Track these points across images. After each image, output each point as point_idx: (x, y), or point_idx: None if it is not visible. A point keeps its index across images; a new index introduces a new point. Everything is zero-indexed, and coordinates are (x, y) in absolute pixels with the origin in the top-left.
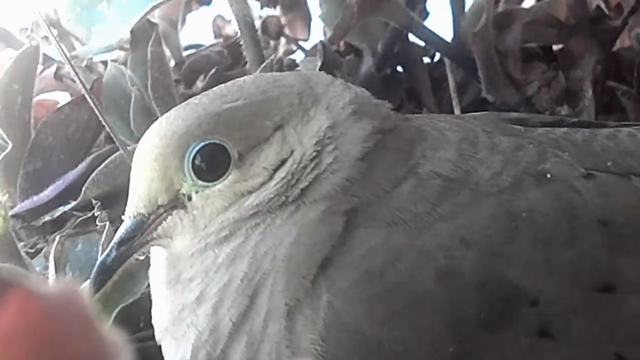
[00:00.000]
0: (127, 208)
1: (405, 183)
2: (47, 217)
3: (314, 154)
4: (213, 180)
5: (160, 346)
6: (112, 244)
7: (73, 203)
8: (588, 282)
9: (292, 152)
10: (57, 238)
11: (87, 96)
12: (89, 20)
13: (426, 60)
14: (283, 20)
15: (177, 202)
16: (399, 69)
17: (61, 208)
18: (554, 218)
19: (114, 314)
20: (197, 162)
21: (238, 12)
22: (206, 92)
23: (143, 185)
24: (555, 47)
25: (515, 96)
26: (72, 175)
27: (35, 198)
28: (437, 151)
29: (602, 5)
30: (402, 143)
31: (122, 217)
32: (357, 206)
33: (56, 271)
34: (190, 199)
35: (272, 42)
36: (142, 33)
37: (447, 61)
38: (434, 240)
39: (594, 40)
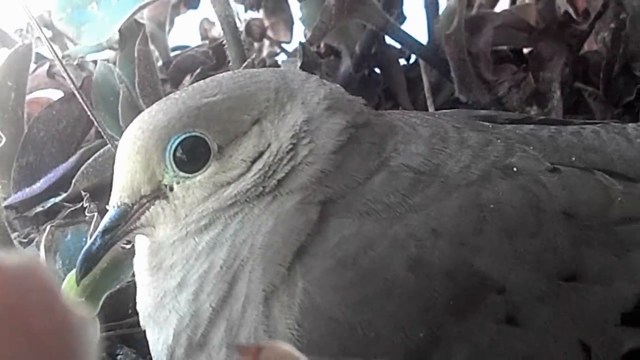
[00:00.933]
0: (111, 198)
1: (377, 175)
2: (39, 208)
3: (290, 146)
4: (194, 172)
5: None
6: (97, 232)
7: (64, 195)
8: (553, 272)
9: (269, 145)
10: (48, 228)
11: (76, 93)
12: (79, 20)
13: (403, 62)
14: (266, 23)
15: (159, 193)
16: (377, 70)
17: (52, 199)
18: (520, 210)
19: (102, 300)
20: (178, 154)
21: (221, 14)
22: (186, 87)
23: (126, 176)
24: (525, 50)
25: (486, 96)
26: (62, 168)
27: (27, 190)
28: (408, 145)
29: (570, 11)
30: (374, 137)
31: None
32: (331, 197)
33: (46, 259)
34: (172, 189)
35: (256, 44)
36: (130, 33)
37: (421, 62)
38: (405, 230)
39: (562, 44)
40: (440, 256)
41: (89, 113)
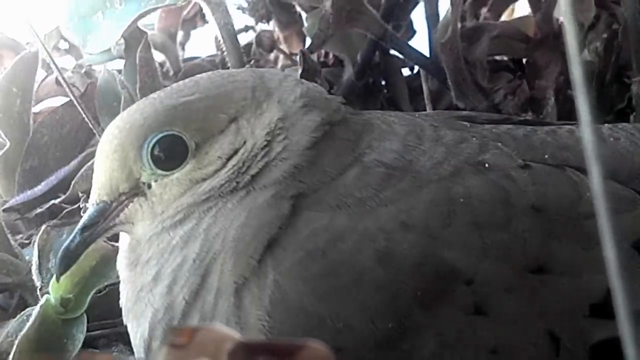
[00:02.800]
0: (90, 196)
1: (350, 170)
2: (39, 210)
3: (265, 143)
4: (171, 169)
5: None
6: (75, 229)
7: (63, 197)
8: (521, 264)
9: (244, 142)
10: (43, 227)
11: (74, 101)
12: (85, 29)
13: (407, 71)
14: (277, 35)
15: (137, 190)
16: (380, 78)
17: (52, 201)
18: (489, 204)
19: (90, 296)
20: (156, 152)
21: (220, 21)
22: (165, 88)
23: (104, 174)
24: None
25: (483, 103)
26: (64, 171)
27: (29, 192)
28: (382, 142)
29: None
30: (350, 134)
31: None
32: (304, 191)
33: (40, 258)
34: (149, 187)
35: (272, 56)
36: (135, 41)
37: (422, 72)
38: (375, 223)
39: (558, 53)
40: (409, 249)
41: (87, 118)
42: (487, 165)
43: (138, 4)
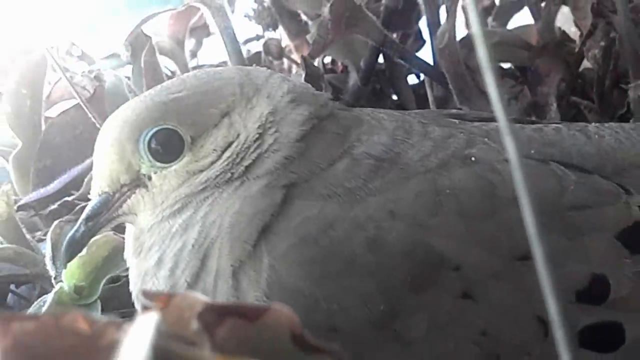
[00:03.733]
0: (92, 189)
1: (340, 162)
2: (53, 207)
3: (257, 136)
4: (170, 162)
5: None
6: (80, 220)
7: (76, 194)
8: (506, 251)
9: (238, 135)
10: (56, 223)
11: (82, 103)
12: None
13: (414, 79)
14: (285, 43)
15: (139, 182)
16: (387, 84)
17: (65, 198)
18: (475, 194)
19: (102, 284)
20: (153, 145)
21: (220, 25)
22: (155, 87)
23: (104, 167)
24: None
25: (487, 107)
26: (76, 170)
27: (42, 190)
28: (371, 136)
29: (572, 30)
30: (339, 128)
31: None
32: (295, 181)
33: (53, 251)
34: (150, 178)
35: (285, 65)
36: (141, 46)
37: (426, 78)
38: (364, 212)
39: (560, 61)
40: (398, 236)
41: (95, 120)
42: (473, 158)
43: (142, 10)
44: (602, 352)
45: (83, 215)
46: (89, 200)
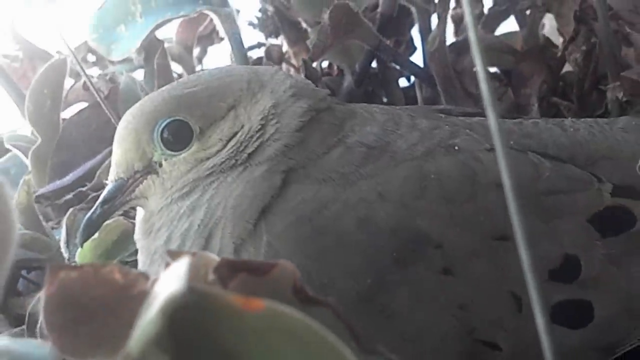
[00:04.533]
0: (109, 174)
1: (335, 149)
2: (67, 197)
3: (260, 127)
4: (179, 150)
5: None
6: (97, 203)
7: (89, 185)
8: (485, 232)
9: (242, 126)
10: (70, 210)
11: (100, 102)
12: (109, 39)
13: (405, 82)
14: (284, 49)
15: (150, 169)
16: (379, 87)
17: (79, 189)
18: (458, 180)
19: None
20: (165, 135)
21: (228, 31)
22: (173, 82)
23: (121, 154)
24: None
25: (472, 107)
26: (89, 164)
27: (58, 182)
28: (364, 126)
29: (556, 37)
30: (334, 119)
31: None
32: (293, 167)
33: (67, 235)
34: (160, 165)
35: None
36: (153, 50)
37: (416, 81)
38: (356, 195)
39: (542, 65)
40: (386, 216)
41: (112, 117)
42: (456, 147)
43: (156, 17)
44: (572, 328)
45: (100, 199)
46: (100, 190)
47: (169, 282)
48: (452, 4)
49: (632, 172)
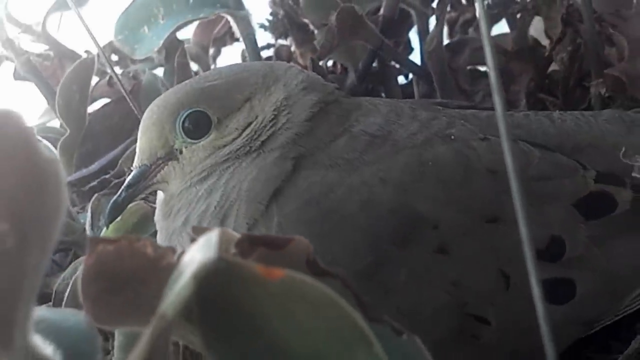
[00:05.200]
0: (134, 160)
1: (341, 138)
2: (92, 184)
3: (272, 117)
4: (199, 138)
5: None
6: (122, 187)
7: (112, 172)
8: (478, 214)
9: (256, 117)
10: (95, 195)
11: (126, 97)
12: (133, 40)
13: (402, 80)
14: (293, 49)
15: (172, 155)
16: (379, 84)
17: (103, 177)
18: (453, 166)
19: None
20: (186, 125)
21: (243, 32)
22: (195, 76)
23: (146, 142)
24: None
25: (465, 102)
26: (113, 153)
27: (84, 170)
28: (368, 117)
29: (543, 38)
30: (341, 111)
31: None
32: (303, 153)
33: (92, 218)
34: (181, 152)
35: None
36: (173, 49)
37: (414, 78)
38: (359, 179)
39: (530, 65)
40: (387, 199)
41: (136, 110)
42: (452, 137)
43: (177, 19)
44: (555, 304)
45: (125, 183)
46: (122, 177)
47: (198, 252)
48: (448, 8)
49: (615, 160)
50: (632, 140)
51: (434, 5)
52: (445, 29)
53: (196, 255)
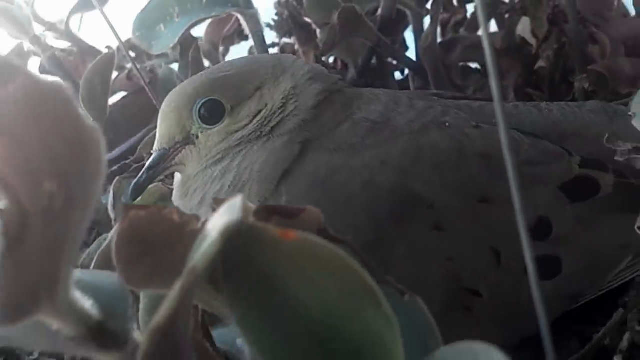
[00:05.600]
0: (155, 144)
1: (344, 124)
2: (113, 168)
3: (281, 104)
4: (213, 124)
5: None
6: (143, 169)
7: (132, 158)
8: (470, 195)
9: (266, 105)
10: (117, 179)
11: (146, 88)
12: (150, 37)
13: (399, 75)
14: (296, 47)
15: (189, 140)
16: (377, 79)
17: (123, 162)
18: (447, 151)
19: None
20: (202, 112)
21: (252, 29)
22: (210, 67)
23: (165, 128)
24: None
25: (459, 94)
26: (132, 140)
27: (107, 155)
28: (369, 105)
29: (529, 37)
30: (344, 99)
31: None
32: (309, 138)
33: (114, 199)
34: (197, 137)
35: None
36: (187, 45)
37: (410, 74)
38: (361, 162)
39: (518, 62)
40: (386, 180)
41: (155, 101)
42: (447, 124)
43: (191, 17)
44: (543, 279)
45: (146, 166)
46: (141, 162)
47: (221, 217)
48: (441, 10)
49: (598, 147)
50: (614, 129)
51: (428, 6)
52: (438, 30)
53: (219, 220)
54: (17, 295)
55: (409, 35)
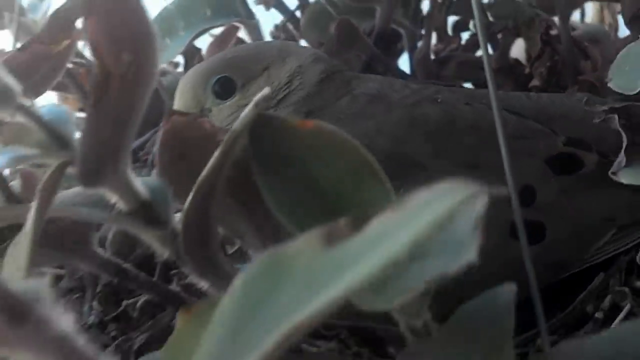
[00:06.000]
0: None
1: (344, 98)
2: None
3: (287, 81)
4: (225, 99)
5: None
6: None
7: (141, 153)
8: (461, 161)
9: (273, 82)
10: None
11: (159, 90)
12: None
13: None
14: None
15: (203, 113)
16: None
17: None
18: (439, 122)
19: None
20: (215, 88)
21: (253, 39)
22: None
23: (182, 104)
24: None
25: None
26: (143, 139)
27: None
28: (367, 83)
29: (522, 57)
30: (344, 77)
31: None
32: (312, 110)
33: None
34: (210, 110)
35: None
36: (191, 56)
37: None
38: (359, 130)
39: (510, 80)
40: (382, 146)
41: (166, 100)
42: (439, 100)
43: (195, 30)
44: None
45: None
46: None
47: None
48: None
49: (583, 129)
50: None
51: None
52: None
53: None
54: (94, 157)
55: (404, 59)
